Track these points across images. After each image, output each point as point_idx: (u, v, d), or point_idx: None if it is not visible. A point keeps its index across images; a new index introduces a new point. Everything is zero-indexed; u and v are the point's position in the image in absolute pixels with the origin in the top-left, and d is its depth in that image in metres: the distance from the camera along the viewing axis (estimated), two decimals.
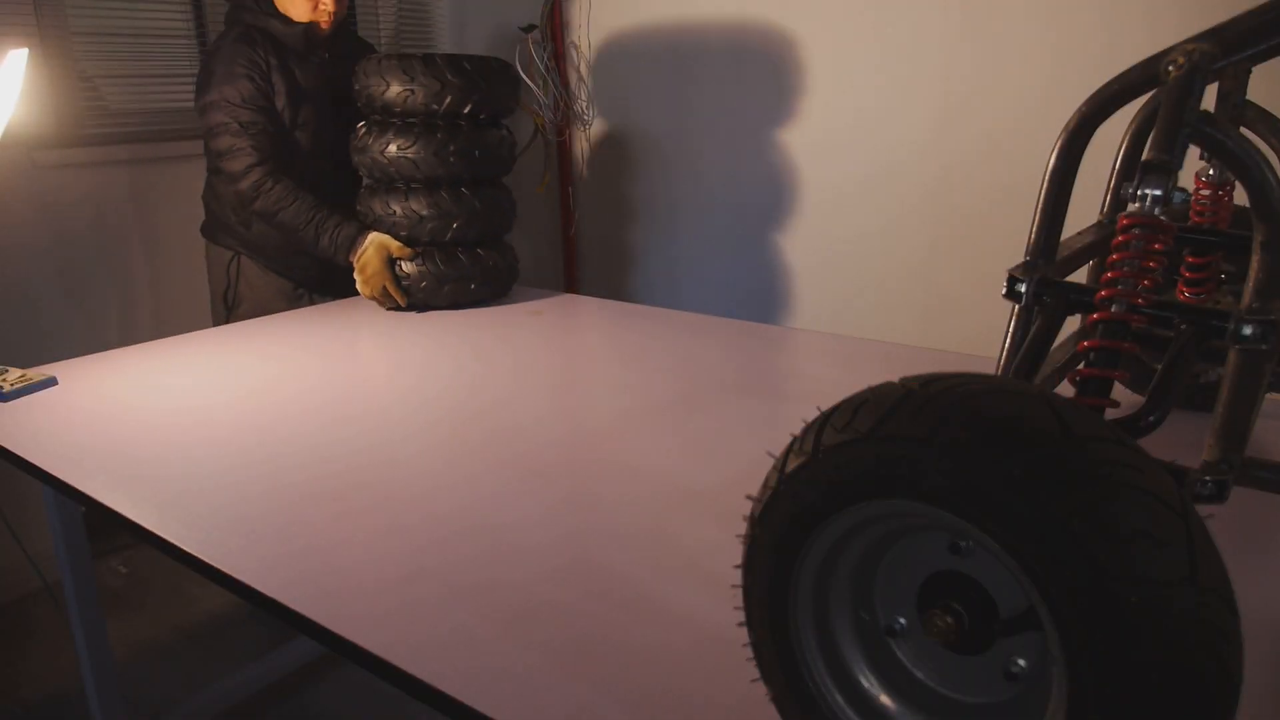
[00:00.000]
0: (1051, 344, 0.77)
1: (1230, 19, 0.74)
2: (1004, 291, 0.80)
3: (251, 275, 2.16)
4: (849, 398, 0.55)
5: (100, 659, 1.58)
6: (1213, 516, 0.51)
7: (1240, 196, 0.81)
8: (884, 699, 0.60)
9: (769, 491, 0.59)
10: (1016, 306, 0.80)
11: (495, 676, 0.76)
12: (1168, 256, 0.70)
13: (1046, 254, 0.82)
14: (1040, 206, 0.82)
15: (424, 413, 1.38)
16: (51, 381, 1.49)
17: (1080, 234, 0.91)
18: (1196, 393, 1.18)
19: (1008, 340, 0.80)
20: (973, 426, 0.49)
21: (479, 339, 1.78)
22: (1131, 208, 0.69)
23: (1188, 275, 1.07)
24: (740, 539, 0.63)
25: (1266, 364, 0.70)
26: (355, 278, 1.95)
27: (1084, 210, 0.92)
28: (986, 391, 0.51)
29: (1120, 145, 0.88)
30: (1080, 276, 0.93)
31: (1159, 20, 1.94)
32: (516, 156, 2.12)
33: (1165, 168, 0.68)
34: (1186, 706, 0.44)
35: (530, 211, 2.84)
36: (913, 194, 2.40)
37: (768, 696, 0.64)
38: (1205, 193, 1.01)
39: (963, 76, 2.24)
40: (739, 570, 0.63)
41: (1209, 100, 0.80)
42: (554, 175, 3.09)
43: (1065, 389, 0.70)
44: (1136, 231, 0.68)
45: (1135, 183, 0.68)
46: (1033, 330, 0.77)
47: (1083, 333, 0.88)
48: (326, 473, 1.16)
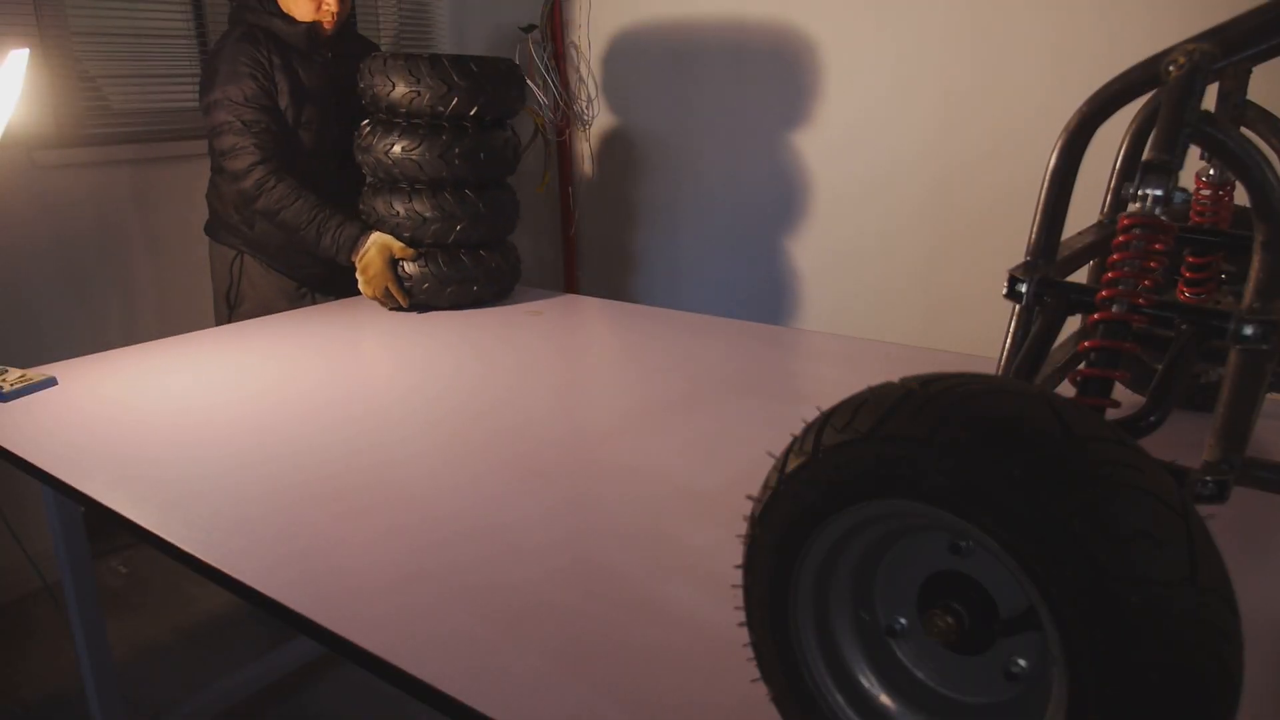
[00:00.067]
0: (1052, 344, 0.77)
1: (1231, 19, 0.74)
2: (1005, 292, 0.80)
3: (254, 274, 2.16)
4: (849, 398, 0.55)
5: (100, 659, 1.58)
6: (1213, 517, 0.51)
7: (1241, 196, 0.81)
8: (884, 699, 0.60)
9: (769, 492, 0.59)
10: (1017, 306, 0.80)
11: (496, 676, 0.76)
12: (1168, 256, 0.70)
13: (1047, 254, 0.82)
14: (1041, 206, 0.82)
15: (425, 413, 1.38)
16: (51, 381, 1.49)
17: (1081, 234, 0.91)
18: (1197, 393, 1.18)
19: (1008, 340, 0.80)
20: (973, 426, 0.48)
21: (479, 339, 1.78)
22: (1132, 208, 0.69)
23: (1188, 275, 1.07)
24: (741, 539, 0.63)
25: (1267, 364, 0.70)
26: (358, 278, 1.95)
27: (1084, 210, 0.92)
28: (986, 391, 0.51)
29: (1121, 145, 0.88)
30: (1081, 276, 0.93)
31: (1160, 22, 1.94)
32: (520, 157, 2.11)
33: (1166, 168, 0.68)
34: (1187, 707, 0.44)
35: (530, 211, 2.84)
36: (914, 195, 2.40)
37: (768, 696, 0.64)
38: (1206, 193, 1.01)
39: (964, 77, 2.25)
40: (739, 570, 0.63)
41: (1209, 100, 0.80)
42: (554, 175, 3.09)
43: (1066, 389, 0.70)
44: (1137, 231, 0.68)
45: (1136, 183, 0.68)
46: (1033, 330, 0.77)
47: (1083, 333, 0.88)
48: (327, 473, 1.16)
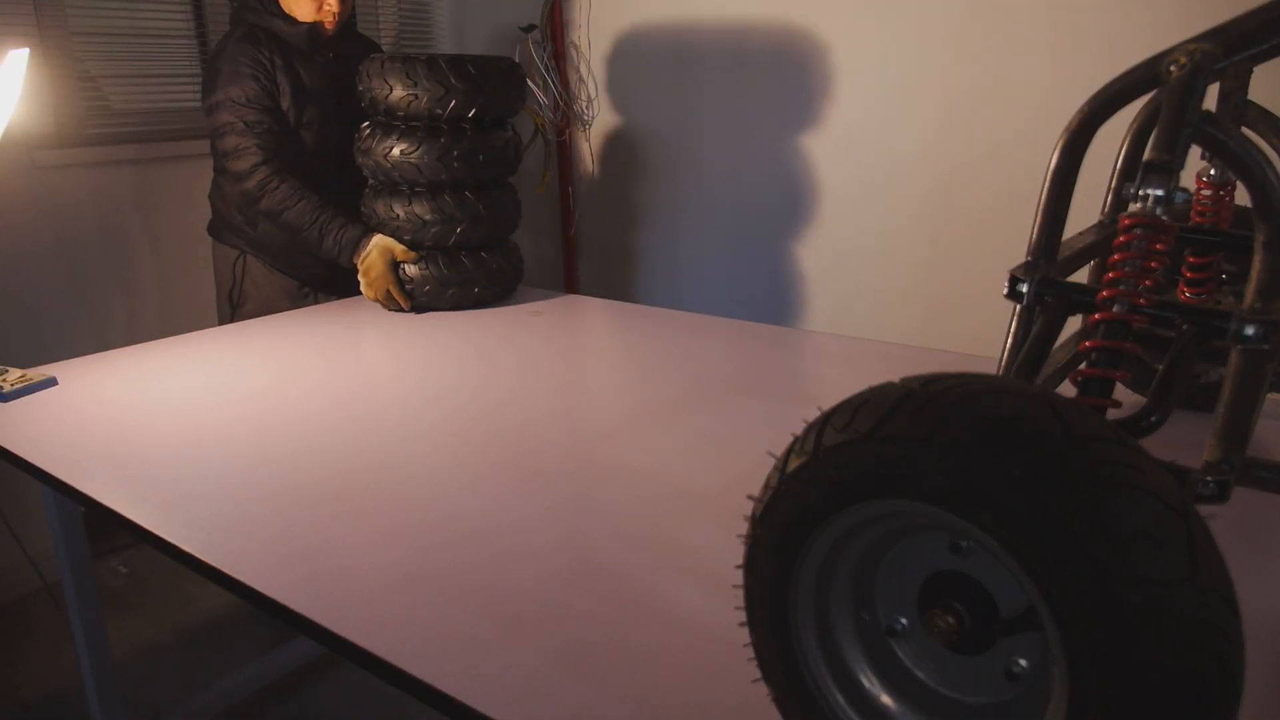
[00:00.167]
0: (1053, 344, 0.77)
1: (1232, 19, 0.74)
2: (1005, 292, 0.80)
3: (257, 274, 2.16)
4: (850, 398, 0.55)
5: (100, 659, 1.58)
6: (1214, 516, 0.51)
7: (1241, 196, 0.81)
8: (885, 699, 0.60)
9: (770, 492, 0.58)
10: (1018, 307, 0.80)
11: (496, 677, 0.76)
12: (1169, 256, 0.70)
13: (1048, 254, 0.82)
14: (1042, 206, 0.82)
15: (425, 413, 1.37)
16: (51, 382, 1.49)
17: (1082, 234, 0.91)
18: (1198, 393, 1.18)
19: (1009, 340, 0.80)
20: (973, 426, 0.48)
21: (480, 339, 1.78)
22: (1133, 208, 0.69)
23: (1189, 275, 1.07)
24: (741, 539, 0.62)
25: (1268, 364, 0.70)
26: (359, 280, 1.95)
27: (1085, 210, 0.92)
28: (986, 391, 0.51)
29: (1122, 145, 0.88)
30: (1081, 276, 0.93)
31: (1161, 22, 1.94)
32: (521, 157, 2.11)
33: (1167, 168, 0.68)
34: (1187, 707, 0.44)
35: (530, 212, 2.84)
36: (915, 195, 2.40)
37: (769, 697, 0.64)
38: (1207, 193, 1.01)
39: (965, 78, 2.24)
40: (740, 570, 0.63)
41: (1210, 100, 0.80)
42: (554, 175, 3.09)
43: (1067, 389, 0.70)
44: (1138, 231, 0.68)
45: (1137, 183, 0.68)
46: (1034, 330, 0.77)
47: (1084, 333, 0.88)
48: (327, 473, 1.16)
